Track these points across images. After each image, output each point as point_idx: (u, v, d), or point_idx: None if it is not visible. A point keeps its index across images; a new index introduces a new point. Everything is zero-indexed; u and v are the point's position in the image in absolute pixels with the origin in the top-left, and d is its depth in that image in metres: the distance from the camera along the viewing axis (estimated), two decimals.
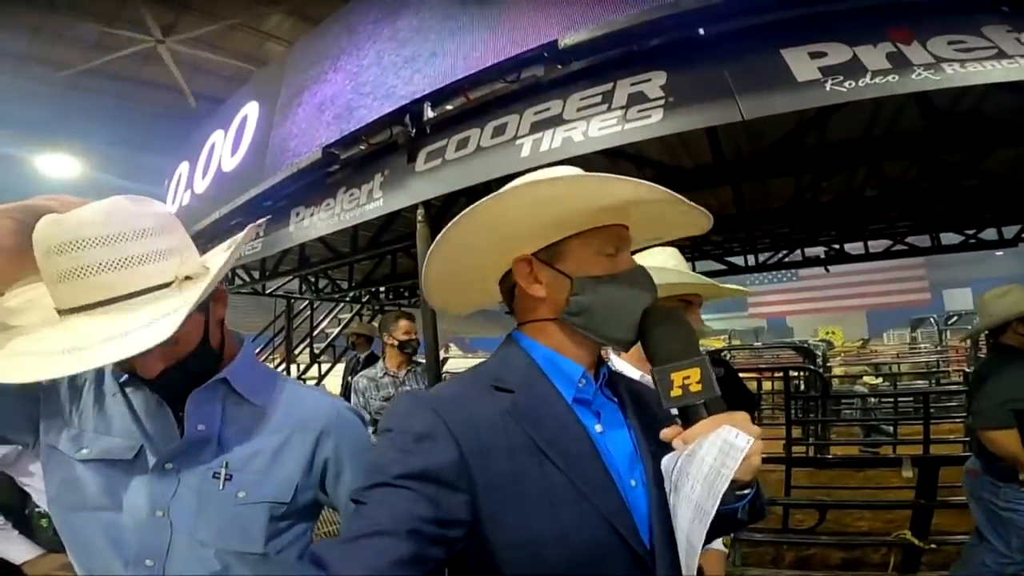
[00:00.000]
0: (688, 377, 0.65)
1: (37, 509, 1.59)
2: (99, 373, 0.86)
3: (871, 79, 1.98)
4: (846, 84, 1.99)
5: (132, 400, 0.85)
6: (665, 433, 0.66)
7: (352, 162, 3.52)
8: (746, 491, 0.65)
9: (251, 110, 4.55)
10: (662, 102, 2.33)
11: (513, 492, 0.64)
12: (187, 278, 0.75)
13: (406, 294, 8.20)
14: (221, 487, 0.81)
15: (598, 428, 0.72)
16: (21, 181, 17.07)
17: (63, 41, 11.83)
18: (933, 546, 3.05)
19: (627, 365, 1.45)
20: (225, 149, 4.72)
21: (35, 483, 1.54)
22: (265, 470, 0.84)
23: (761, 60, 2.19)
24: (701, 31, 2.42)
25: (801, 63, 2.12)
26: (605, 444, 0.71)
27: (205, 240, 4.55)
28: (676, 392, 0.65)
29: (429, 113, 3.10)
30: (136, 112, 14.80)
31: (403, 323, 3.15)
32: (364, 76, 3.43)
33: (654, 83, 2.40)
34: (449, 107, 3.04)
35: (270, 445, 0.86)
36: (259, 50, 12.67)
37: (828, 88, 2.03)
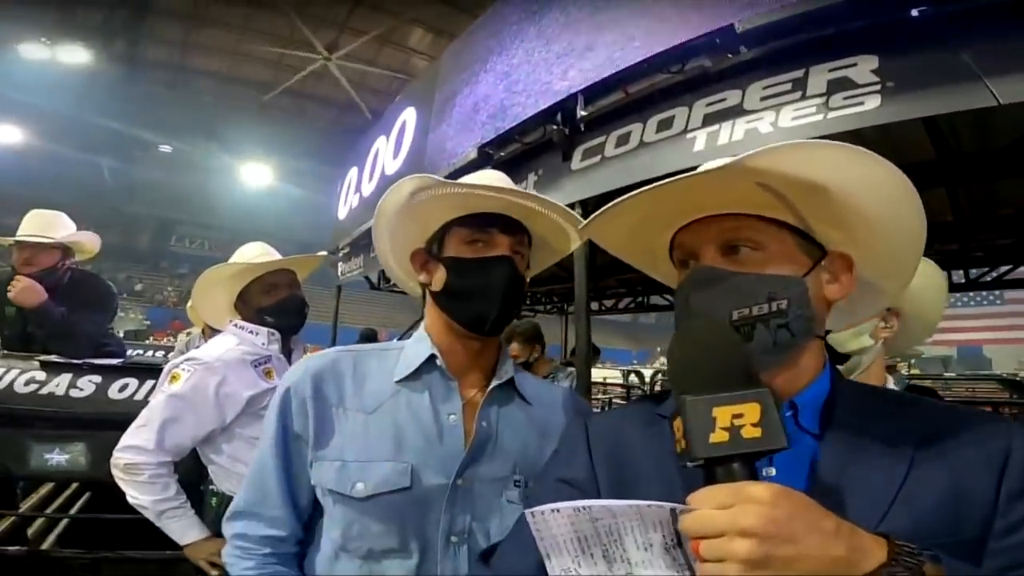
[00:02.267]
0: (741, 416, 0.45)
1: (211, 487, 1.65)
2: (348, 389, 0.83)
3: None
4: None
5: (405, 406, 0.81)
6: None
7: (506, 161, 3.54)
8: None
9: (409, 116, 4.83)
10: (878, 87, 1.96)
11: None
12: None
13: (543, 300, 8.18)
14: (524, 496, 0.78)
15: (768, 471, 0.58)
16: (228, 188, 20.63)
17: (253, 62, 14.02)
18: None
19: None
20: (387, 153, 5.08)
21: (222, 461, 1.62)
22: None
23: (1011, 41, 1.77)
24: (915, 12, 2.01)
25: None
26: None
27: (369, 240, 4.93)
28: (719, 437, 0.45)
29: (583, 108, 2.98)
30: (311, 127, 17.06)
31: (513, 345, 3.25)
32: (515, 75, 3.43)
33: (862, 67, 2.04)
34: (607, 101, 2.89)
35: (544, 443, 0.82)
36: (405, 65, 13.89)
37: None
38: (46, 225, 2.42)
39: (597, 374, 7.58)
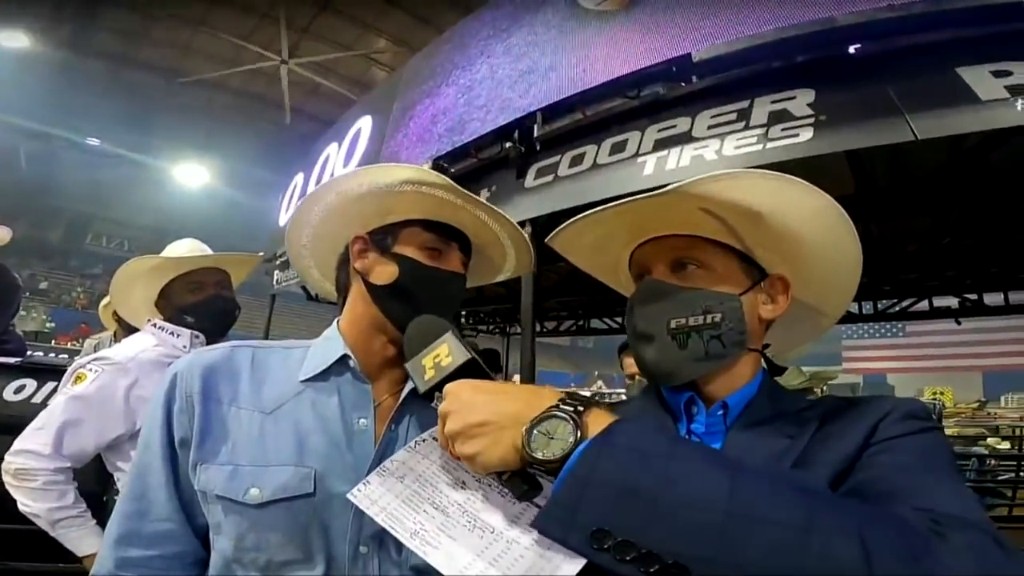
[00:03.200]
0: (438, 355, 0.62)
1: (116, 498, 1.53)
2: (243, 388, 0.76)
3: None
4: None
5: (309, 407, 0.74)
6: None
7: (460, 176, 3.54)
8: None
9: (364, 124, 4.75)
10: (811, 120, 2.15)
11: None
12: None
13: (486, 320, 8.10)
14: None
15: None
16: (159, 188, 19.30)
17: (205, 59, 13.37)
18: None
19: None
20: (338, 161, 4.95)
21: (129, 469, 1.50)
22: None
23: (933, 79, 1.99)
24: (852, 49, 2.24)
25: (983, 82, 1.90)
26: None
27: None
28: (430, 374, 0.61)
29: (540, 128, 3.05)
30: (257, 131, 16.36)
31: None
32: (478, 89, 3.47)
33: (800, 100, 2.24)
34: (564, 122, 2.97)
35: None
36: (365, 75, 13.70)
37: (1020, 108, 1.80)
38: None
39: None
